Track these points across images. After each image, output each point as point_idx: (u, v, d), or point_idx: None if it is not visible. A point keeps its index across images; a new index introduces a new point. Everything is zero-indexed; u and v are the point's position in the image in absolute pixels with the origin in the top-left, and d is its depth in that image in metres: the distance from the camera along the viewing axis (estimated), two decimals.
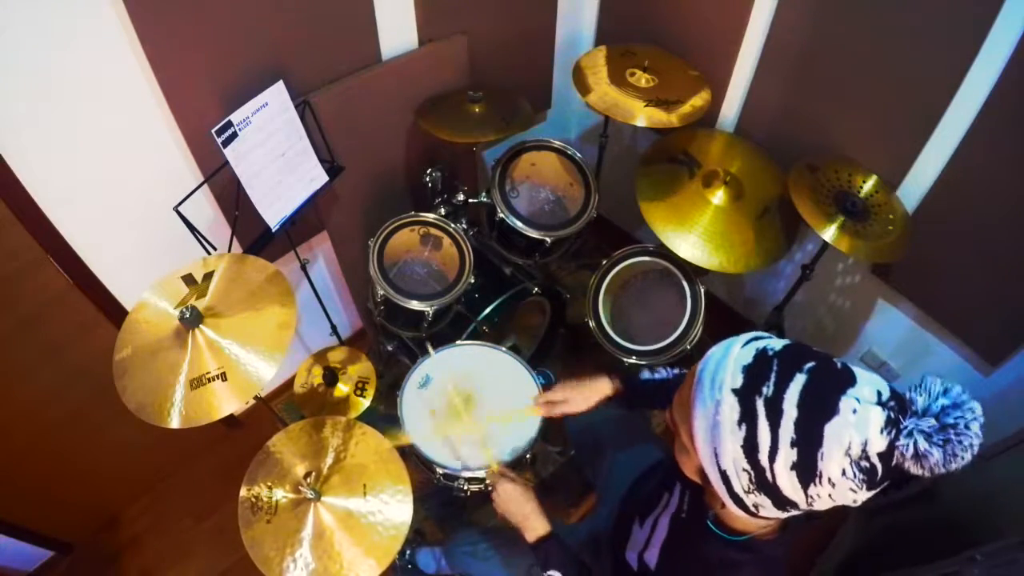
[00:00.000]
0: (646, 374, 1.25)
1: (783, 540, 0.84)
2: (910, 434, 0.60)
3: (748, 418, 0.67)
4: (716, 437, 0.70)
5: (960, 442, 0.59)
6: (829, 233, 1.45)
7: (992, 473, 1.48)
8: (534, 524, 1.08)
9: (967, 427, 0.59)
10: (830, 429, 0.63)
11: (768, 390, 0.67)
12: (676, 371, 1.24)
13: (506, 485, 1.13)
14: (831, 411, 0.63)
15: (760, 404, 0.67)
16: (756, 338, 0.74)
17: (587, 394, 1.22)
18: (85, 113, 1.26)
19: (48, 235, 1.35)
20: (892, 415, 0.62)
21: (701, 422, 0.72)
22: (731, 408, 0.68)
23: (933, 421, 0.60)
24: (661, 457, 1.34)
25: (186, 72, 1.32)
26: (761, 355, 0.70)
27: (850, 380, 0.65)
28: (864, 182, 1.60)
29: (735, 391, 0.68)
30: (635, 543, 1.07)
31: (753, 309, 2.37)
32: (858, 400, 0.63)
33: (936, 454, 0.59)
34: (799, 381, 0.66)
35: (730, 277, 2.38)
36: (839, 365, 0.68)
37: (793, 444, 0.65)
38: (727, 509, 0.79)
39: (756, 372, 0.68)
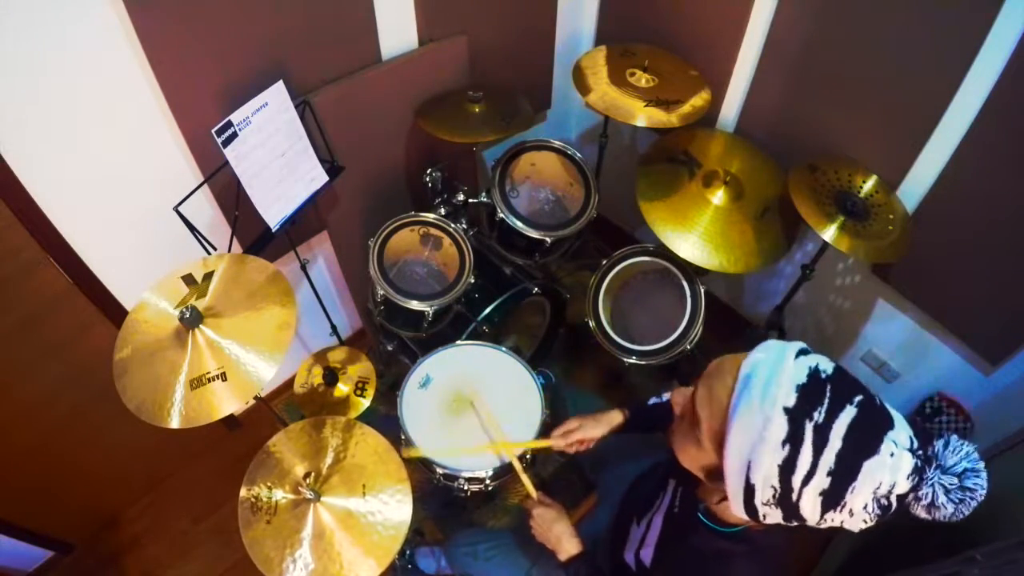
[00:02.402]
0: (654, 400, 1.27)
1: (775, 531, 0.84)
2: (932, 485, 0.65)
3: (794, 440, 0.67)
4: (756, 451, 0.69)
5: (969, 504, 0.65)
6: (829, 233, 1.45)
7: (992, 473, 1.47)
8: (566, 545, 1.10)
9: (981, 493, 0.65)
10: (867, 467, 0.65)
11: (819, 416, 0.67)
12: None
13: (542, 510, 1.15)
14: (872, 450, 0.66)
15: (809, 429, 0.67)
16: (805, 352, 0.73)
17: (601, 422, 1.25)
18: (85, 113, 1.26)
19: (48, 235, 1.35)
20: (919, 464, 0.66)
21: (742, 432, 0.71)
22: (780, 427, 0.68)
23: (955, 480, 0.65)
24: (660, 459, 1.34)
25: (186, 72, 1.32)
26: (814, 376, 0.70)
27: (890, 422, 0.68)
28: (864, 182, 1.60)
29: (787, 410, 0.68)
30: (632, 543, 1.08)
31: (753, 309, 2.37)
32: (896, 443, 0.66)
33: (949, 508, 0.65)
34: (849, 414, 0.67)
35: (730, 277, 2.38)
36: (879, 402, 0.70)
37: (830, 473, 0.66)
38: (723, 505, 0.79)
39: (809, 395, 0.68)
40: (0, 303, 1.38)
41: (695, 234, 1.63)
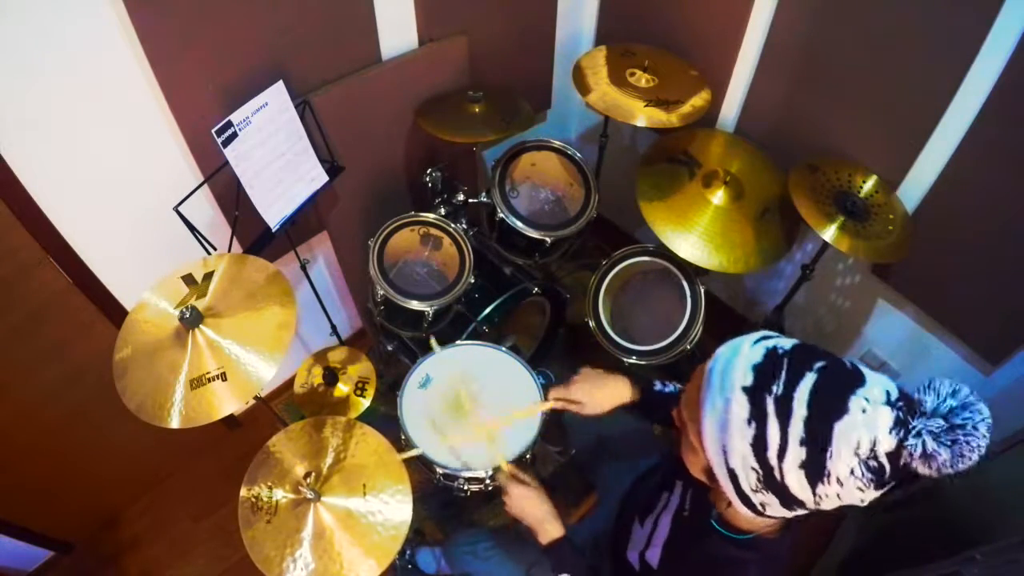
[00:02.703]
0: (659, 385, 1.22)
1: (785, 538, 0.84)
2: (919, 434, 0.61)
3: (758, 416, 0.67)
4: (725, 435, 0.70)
5: (968, 443, 0.60)
6: (829, 233, 1.45)
7: (992, 473, 1.48)
8: (547, 527, 1.07)
9: (975, 428, 0.61)
10: (839, 428, 0.64)
11: (778, 388, 0.67)
12: (683, 386, 1.24)
13: (518, 487, 1.11)
14: (841, 410, 0.64)
15: (770, 402, 0.67)
16: (765, 337, 0.74)
17: (605, 396, 1.18)
18: (85, 113, 1.26)
19: (48, 235, 1.35)
20: (901, 415, 0.63)
21: (710, 420, 0.72)
22: (741, 406, 0.68)
23: (942, 421, 0.61)
24: (661, 458, 1.34)
25: (186, 72, 1.32)
26: (771, 354, 0.70)
27: (860, 380, 0.66)
28: (864, 182, 1.60)
29: (745, 389, 0.69)
30: (636, 543, 1.07)
31: (753, 309, 2.37)
32: (867, 400, 0.64)
33: (944, 454, 0.60)
34: (809, 380, 0.66)
35: (730, 277, 2.38)
36: (849, 365, 0.68)
37: (802, 443, 0.65)
38: (732, 508, 0.79)
39: (766, 371, 0.69)
40: (0, 303, 1.38)
41: (695, 234, 1.63)
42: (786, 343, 0.72)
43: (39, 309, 1.46)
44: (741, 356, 0.72)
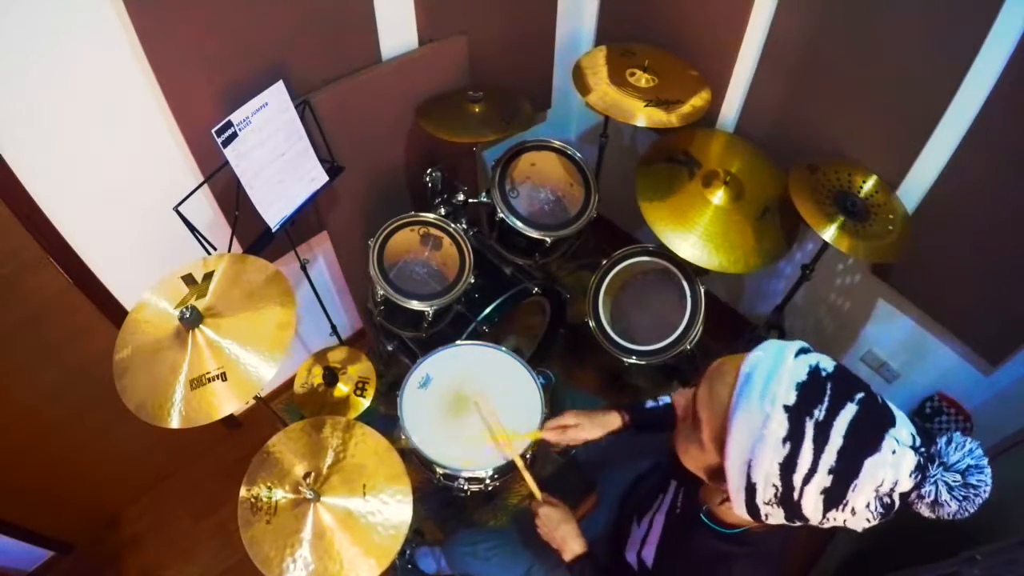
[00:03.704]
0: (650, 403, 1.26)
1: (777, 533, 0.84)
2: (935, 483, 0.65)
3: (794, 438, 0.67)
4: (756, 449, 0.69)
5: (974, 500, 0.64)
6: (829, 233, 1.45)
7: (992, 473, 1.48)
8: (572, 544, 1.10)
9: (985, 490, 0.65)
10: (869, 464, 0.65)
11: (820, 414, 0.67)
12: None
13: (548, 509, 1.15)
14: (874, 447, 0.65)
15: (810, 427, 0.67)
16: (805, 350, 0.73)
17: (598, 422, 1.23)
18: (85, 113, 1.26)
19: (48, 235, 1.35)
20: (922, 461, 0.65)
21: (743, 431, 0.71)
22: (779, 424, 0.68)
23: (958, 477, 0.64)
24: (660, 458, 1.34)
25: (186, 72, 1.32)
26: (815, 375, 0.69)
27: (892, 419, 0.68)
28: (864, 182, 1.60)
29: (787, 408, 0.68)
30: (633, 542, 1.08)
31: (753, 309, 2.38)
32: (898, 441, 0.66)
33: (953, 506, 0.64)
34: (850, 411, 0.67)
35: (730, 277, 2.38)
36: (880, 399, 0.70)
37: (831, 471, 0.66)
38: (724, 505, 0.79)
39: (810, 393, 0.68)
40: (0, 303, 1.38)
41: (695, 234, 1.63)
42: (828, 364, 0.71)
43: (39, 309, 1.46)
44: (785, 370, 0.70)
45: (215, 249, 1.38)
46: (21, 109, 1.18)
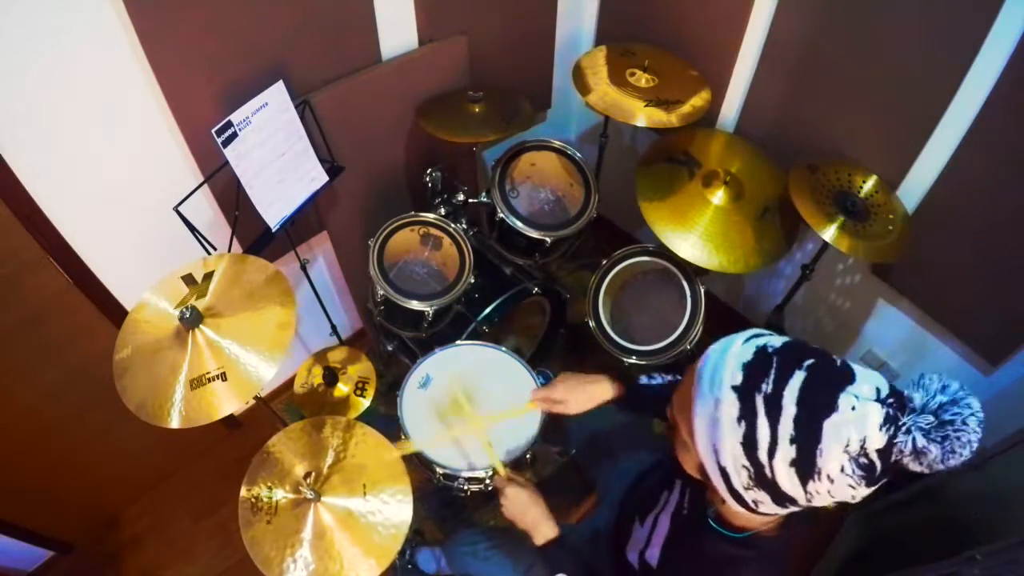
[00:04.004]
0: (644, 379, 1.23)
1: (784, 537, 0.84)
2: (908, 431, 0.61)
3: (748, 415, 0.67)
4: (716, 434, 0.70)
5: (958, 438, 0.60)
6: (829, 233, 1.45)
7: (992, 473, 1.48)
8: (543, 529, 1.08)
9: (964, 423, 0.60)
10: (829, 426, 0.63)
11: (767, 387, 0.67)
12: (671, 377, 1.24)
13: (514, 489, 1.12)
14: (830, 408, 0.64)
15: (760, 401, 0.67)
16: (756, 335, 0.74)
17: (587, 395, 1.20)
18: (85, 113, 1.26)
19: (48, 235, 1.35)
20: (891, 412, 0.62)
21: (701, 419, 0.72)
22: (731, 405, 0.68)
23: (931, 418, 0.61)
24: (661, 457, 1.34)
25: (186, 72, 1.32)
26: (761, 352, 0.70)
27: (849, 377, 0.66)
28: (864, 182, 1.60)
29: (735, 388, 0.69)
30: (636, 542, 1.08)
31: (753, 309, 2.37)
32: (857, 397, 0.64)
33: (934, 450, 0.60)
34: (798, 378, 0.66)
35: (730, 277, 2.38)
36: (838, 362, 0.68)
37: (792, 441, 0.65)
38: (727, 505, 0.79)
39: (756, 369, 0.69)
40: (0, 303, 1.38)
41: (695, 234, 1.63)
42: (776, 341, 0.71)
43: (39, 309, 1.46)
44: (731, 354, 0.72)
45: (215, 249, 1.38)
46: (21, 109, 1.18)
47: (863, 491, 0.66)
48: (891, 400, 0.63)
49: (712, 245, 1.62)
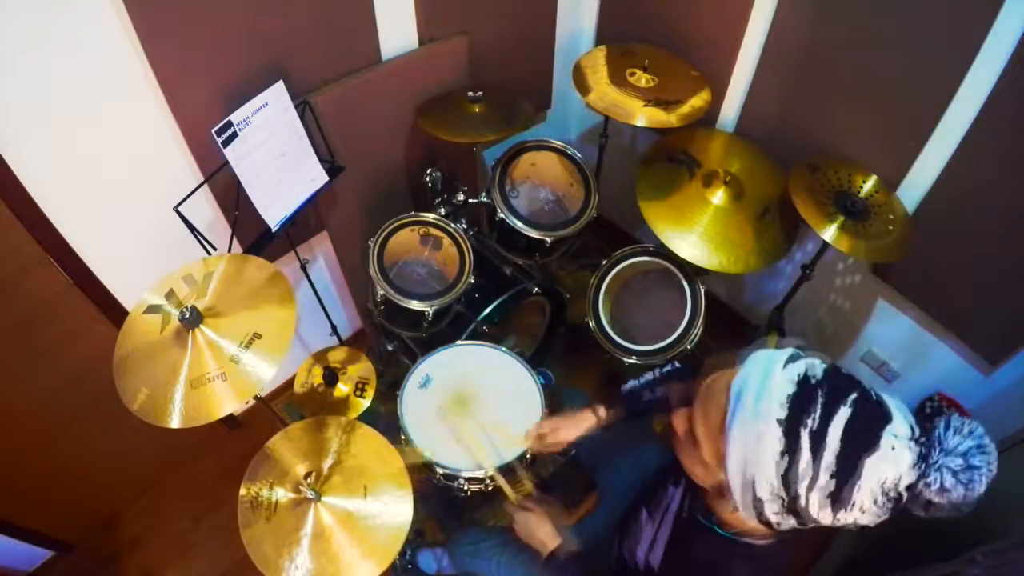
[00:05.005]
0: (632, 382, 1.25)
1: (783, 547, 0.84)
2: (939, 470, 0.64)
3: (791, 450, 0.67)
4: (755, 465, 0.70)
5: (981, 481, 0.64)
6: (829, 233, 1.45)
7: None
8: (547, 542, 1.12)
9: (989, 470, 0.65)
10: (870, 463, 0.65)
11: (813, 423, 0.67)
12: (666, 369, 1.25)
13: (524, 514, 1.16)
14: (872, 446, 0.65)
15: (805, 436, 0.67)
16: (793, 358, 0.73)
17: (574, 419, 1.24)
18: (85, 113, 1.26)
19: (48, 235, 1.35)
20: (923, 451, 0.65)
21: (740, 450, 0.71)
22: (776, 440, 0.68)
23: (961, 461, 0.64)
24: (664, 456, 1.34)
25: (186, 72, 1.32)
26: (804, 384, 0.69)
27: (888, 415, 0.68)
28: (864, 182, 1.60)
29: (780, 422, 0.68)
30: (643, 542, 1.07)
31: (753, 309, 2.38)
32: (896, 436, 0.66)
33: (960, 490, 0.64)
34: (843, 415, 0.67)
35: (730, 277, 2.38)
36: (875, 396, 0.69)
37: (833, 476, 0.66)
38: (737, 515, 0.79)
39: (801, 404, 0.68)
40: (0, 303, 1.38)
41: (695, 234, 1.63)
42: (817, 369, 0.71)
43: (39, 309, 1.46)
44: (774, 384, 0.70)
45: (215, 249, 1.38)
46: (21, 109, 1.18)
47: (884, 518, 0.68)
48: (923, 439, 0.66)
49: (712, 245, 1.62)
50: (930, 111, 1.46)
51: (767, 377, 0.71)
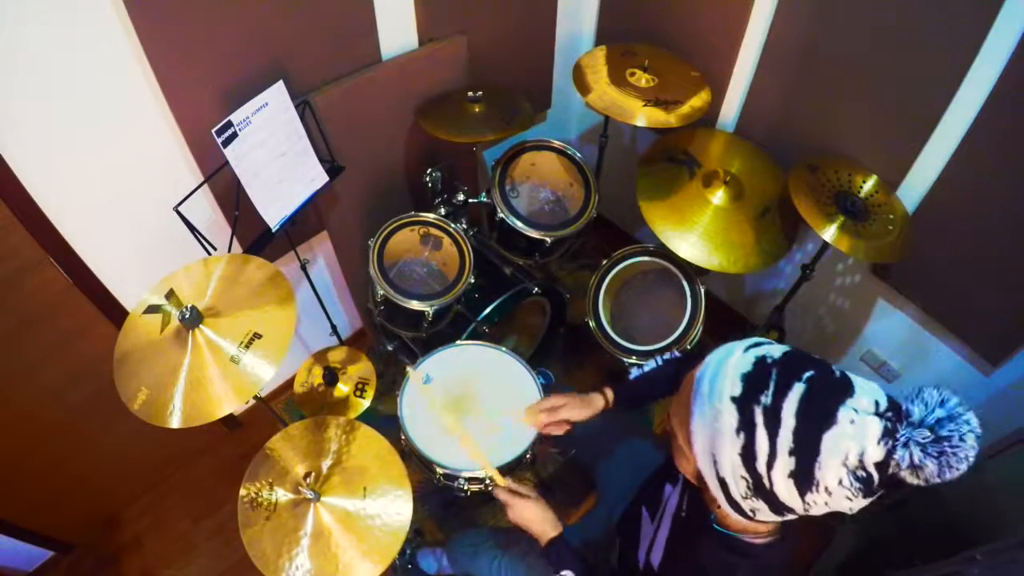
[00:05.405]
0: (635, 372, 1.25)
1: (783, 547, 0.84)
2: (906, 445, 0.61)
3: (746, 427, 0.67)
4: (715, 445, 0.71)
5: (955, 454, 0.59)
6: (829, 233, 1.45)
7: (992, 473, 1.48)
8: (547, 529, 1.11)
9: (962, 439, 0.59)
10: (828, 439, 0.64)
11: (767, 399, 0.67)
12: (665, 357, 1.25)
13: (518, 500, 1.14)
14: (829, 421, 0.64)
15: (759, 413, 0.67)
16: (755, 344, 0.74)
17: (583, 400, 1.22)
18: (85, 113, 1.26)
19: (48, 235, 1.35)
20: (889, 425, 0.62)
21: (700, 429, 0.73)
22: (730, 416, 0.68)
23: (928, 433, 0.60)
24: (664, 455, 1.34)
25: (186, 72, 1.32)
26: (760, 363, 0.70)
27: (848, 390, 0.66)
28: (864, 182, 1.60)
29: (734, 399, 0.69)
30: (643, 542, 1.08)
31: (753, 309, 2.38)
32: (856, 411, 0.64)
33: (931, 465, 0.60)
34: (798, 390, 0.66)
35: (730, 277, 2.38)
36: (838, 374, 0.68)
37: (791, 453, 0.65)
38: (723, 511, 0.79)
39: (755, 381, 0.69)
40: (0, 303, 1.38)
41: (695, 234, 1.63)
42: (776, 351, 0.71)
43: (39, 309, 1.46)
44: (731, 364, 0.71)
45: (215, 249, 1.38)
46: (22, 109, 1.18)
47: (860, 503, 0.66)
48: (889, 413, 0.63)
49: (712, 245, 1.62)
50: (930, 111, 1.46)
51: (725, 359, 0.73)
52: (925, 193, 1.59)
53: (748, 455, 0.68)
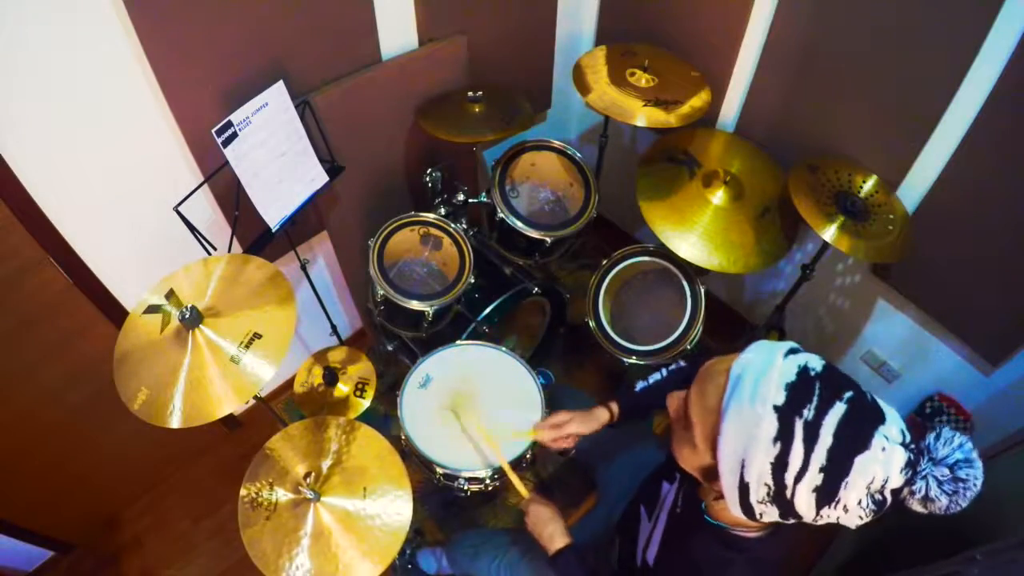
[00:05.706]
0: (641, 384, 1.25)
1: (775, 542, 0.84)
2: (924, 478, 0.65)
3: (784, 438, 0.68)
4: (748, 450, 0.70)
5: (964, 495, 0.65)
6: (829, 233, 1.45)
7: (992, 473, 1.47)
8: (557, 540, 1.12)
9: (975, 484, 0.65)
10: (859, 462, 0.66)
11: (809, 413, 0.68)
12: (671, 368, 1.25)
13: (538, 508, 1.16)
14: (864, 445, 0.66)
15: (799, 426, 0.67)
16: (794, 351, 0.74)
17: (589, 418, 1.23)
18: (85, 113, 1.26)
19: (48, 235, 1.35)
20: (912, 457, 0.66)
21: (733, 430, 0.72)
22: (770, 425, 0.68)
23: (947, 471, 0.65)
24: (664, 454, 1.34)
25: (186, 72, 1.32)
26: (803, 374, 0.70)
27: (881, 416, 0.68)
28: (864, 182, 1.60)
29: (776, 408, 0.69)
30: (641, 540, 1.08)
31: (753, 309, 2.38)
32: (887, 438, 0.66)
33: (943, 500, 0.65)
34: (839, 410, 0.67)
35: (730, 277, 2.38)
36: (869, 398, 0.70)
37: (822, 470, 0.67)
38: (720, 505, 0.79)
39: (799, 393, 0.69)
40: (0, 303, 1.38)
41: (695, 234, 1.63)
42: (816, 363, 0.72)
43: (39, 309, 1.46)
44: (774, 371, 0.70)
45: (215, 249, 1.38)
46: (22, 109, 1.18)
47: (866, 521, 0.69)
48: (912, 446, 0.67)
49: (712, 245, 1.62)
50: (930, 111, 1.46)
51: (768, 363, 0.72)
52: (925, 193, 1.59)
53: (779, 465, 0.68)
